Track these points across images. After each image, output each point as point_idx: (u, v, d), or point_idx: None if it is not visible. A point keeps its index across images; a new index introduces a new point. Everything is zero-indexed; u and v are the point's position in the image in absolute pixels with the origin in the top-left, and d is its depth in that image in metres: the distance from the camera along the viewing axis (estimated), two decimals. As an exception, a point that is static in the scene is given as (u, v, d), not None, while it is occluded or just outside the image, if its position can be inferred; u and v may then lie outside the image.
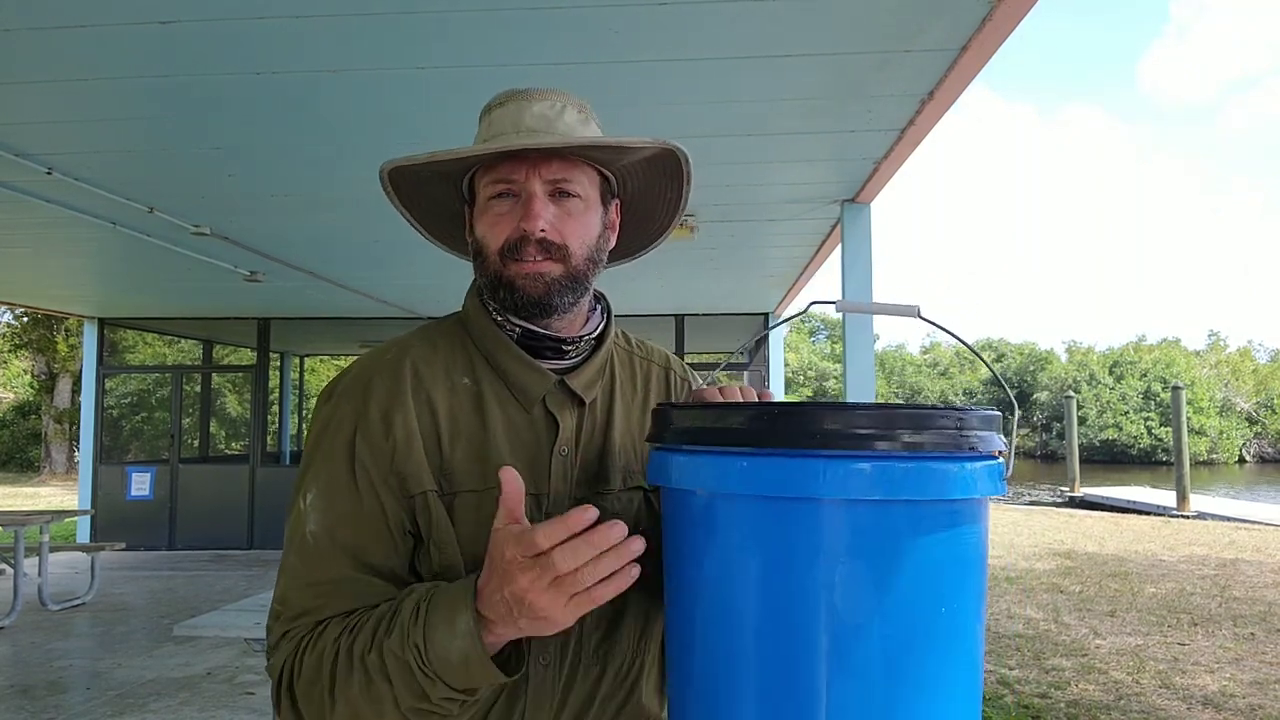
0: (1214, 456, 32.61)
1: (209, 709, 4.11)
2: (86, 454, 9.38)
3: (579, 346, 0.98)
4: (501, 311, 0.96)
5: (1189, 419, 26.44)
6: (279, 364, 12.68)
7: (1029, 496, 18.53)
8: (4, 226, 5.00)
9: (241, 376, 14.74)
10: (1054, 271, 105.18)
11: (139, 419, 18.46)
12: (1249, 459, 34.18)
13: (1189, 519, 12.36)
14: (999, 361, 40.01)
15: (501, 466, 0.78)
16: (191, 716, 4.01)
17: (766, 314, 9.21)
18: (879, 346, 44.74)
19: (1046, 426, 36.97)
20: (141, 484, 9.28)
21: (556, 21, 2.52)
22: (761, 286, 7.54)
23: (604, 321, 1.03)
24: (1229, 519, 12.08)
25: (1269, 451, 34.60)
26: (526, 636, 0.78)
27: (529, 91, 0.96)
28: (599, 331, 1.02)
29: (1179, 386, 14.39)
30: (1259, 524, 11.38)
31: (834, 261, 5.75)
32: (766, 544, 0.71)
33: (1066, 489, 17.33)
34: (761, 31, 2.60)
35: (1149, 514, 13.11)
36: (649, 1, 2.41)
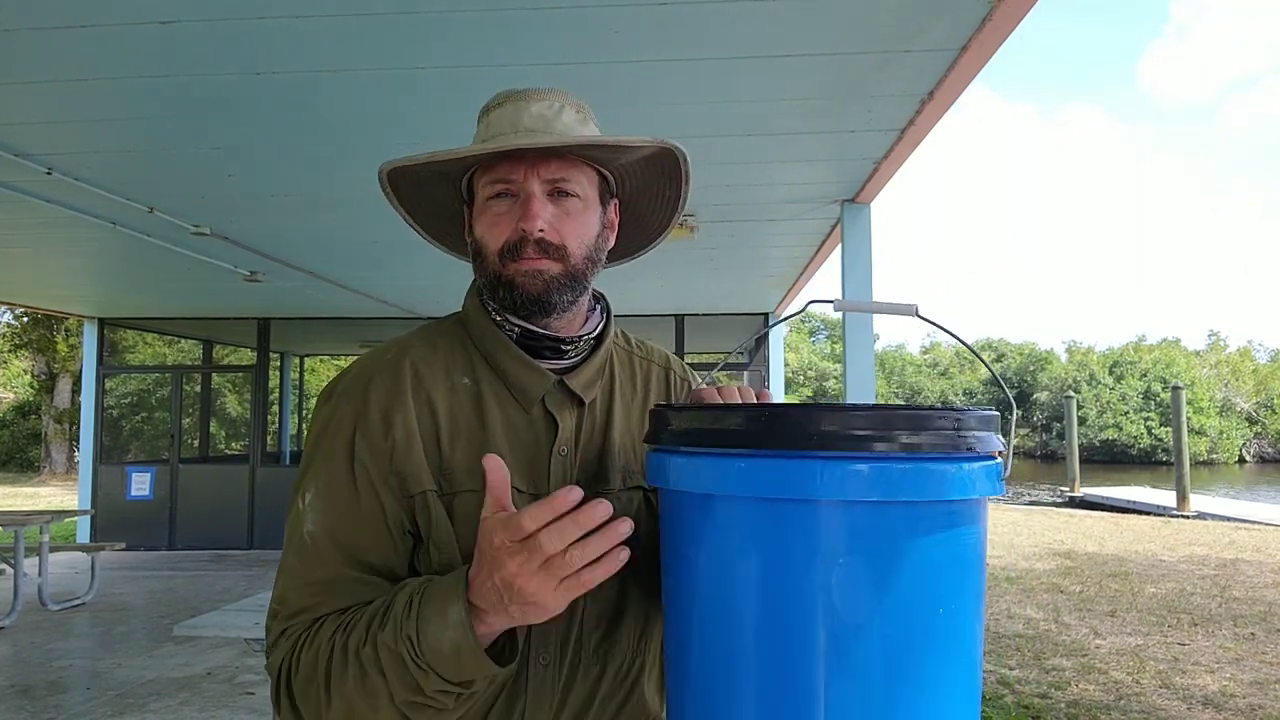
0: (1214, 456, 32.62)
1: (209, 709, 4.11)
2: (86, 454, 9.38)
3: (578, 346, 0.98)
4: (501, 311, 0.96)
5: (1189, 419, 26.44)
6: (279, 364, 12.68)
7: (1029, 496, 18.53)
8: (4, 226, 5.01)
9: (241, 376, 14.74)
10: (1054, 271, 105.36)
11: (139, 419, 18.46)
12: (1249, 459, 34.18)
13: (1189, 519, 12.36)
14: (999, 361, 40.02)
15: (488, 460, 0.78)
16: (191, 716, 4.01)
17: (766, 314, 9.21)
18: (879, 346, 44.76)
19: (1046, 426, 36.98)
20: (141, 484, 9.29)
21: (556, 21, 2.53)
22: (761, 286, 7.54)
23: (603, 321, 1.03)
24: (1229, 519, 12.08)
25: (1269, 451, 34.60)
26: (521, 627, 0.78)
27: (527, 92, 0.96)
28: (598, 331, 1.02)
29: (1179, 386, 14.39)
30: (1259, 524, 11.38)
31: (834, 261, 5.75)
32: (764, 545, 0.71)
33: (1066, 489, 17.33)
34: (761, 32, 2.60)
35: (1149, 514, 13.11)
36: (649, 1, 2.41)
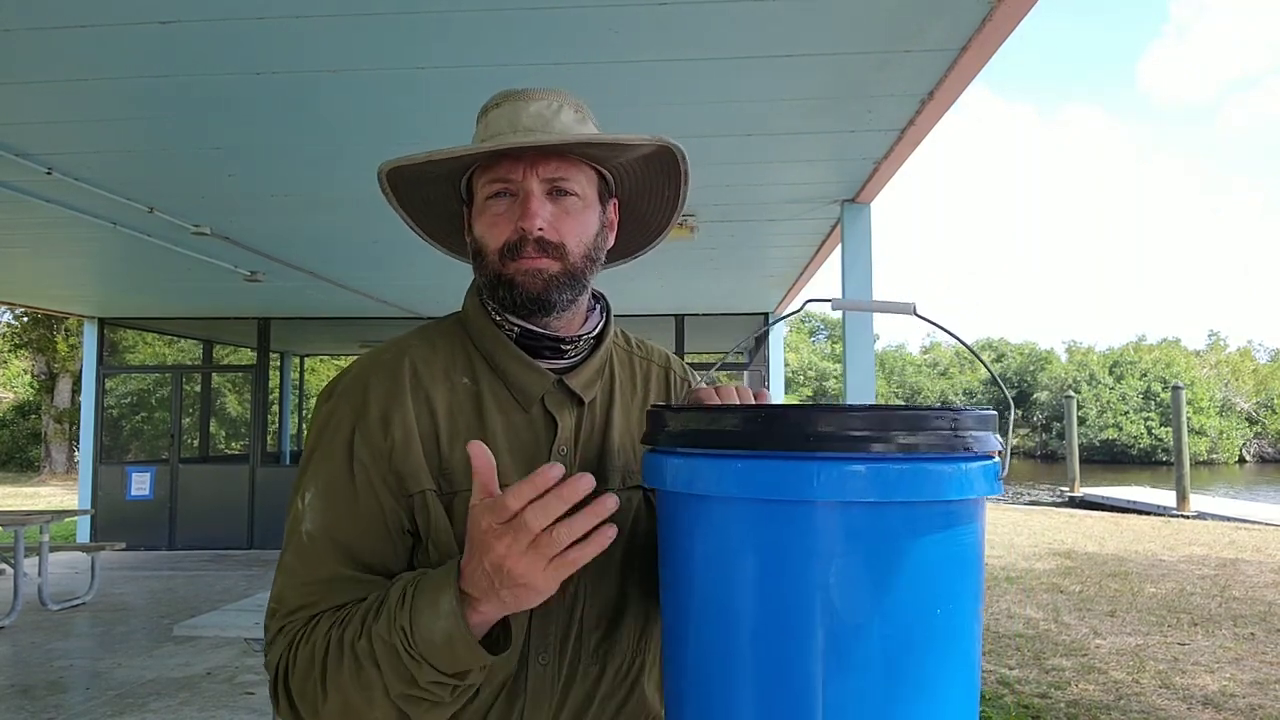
0: (1214, 456, 32.61)
1: (209, 709, 4.11)
2: (86, 454, 9.38)
3: (578, 346, 0.98)
4: (500, 311, 0.96)
5: (1189, 419, 26.44)
6: (279, 364, 12.68)
7: (1029, 496, 18.53)
8: (4, 226, 5.01)
9: (241, 376, 14.75)
10: (1054, 271, 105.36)
11: (139, 419, 18.46)
12: (1249, 459, 34.18)
13: (1189, 519, 12.36)
14: (999, 361, 40.02)
15: (472, 446, 0.76)
16: (191, 716, 4.01)
17: (766, 314, 9.21)
18: (879, 346, 44.75)
19: (1046, 426, 36.97)
20: (141, 484, 9.29)
21: (556, 21, 2.53)
22: (761, 286, 7.54)
23: (603, 321, 1.03)
24: (1229, 519, 12.08)
25: (1269, 451, 34.60)
26: (518, 621, 0.78)
27: (526, 91, 0.96)
28: (598, 331, 1.02)
29: (1179, 386, 14.39)
30: (1259, 524, 11.37)
31: (834, 261, 5.75)
32: (761, 546, 0.71)
33: (1066, 489, 17.33)
34: (762, 32, 2.60)
35: (1149, 514, 13.11)
36: (649, 1, 2.41)
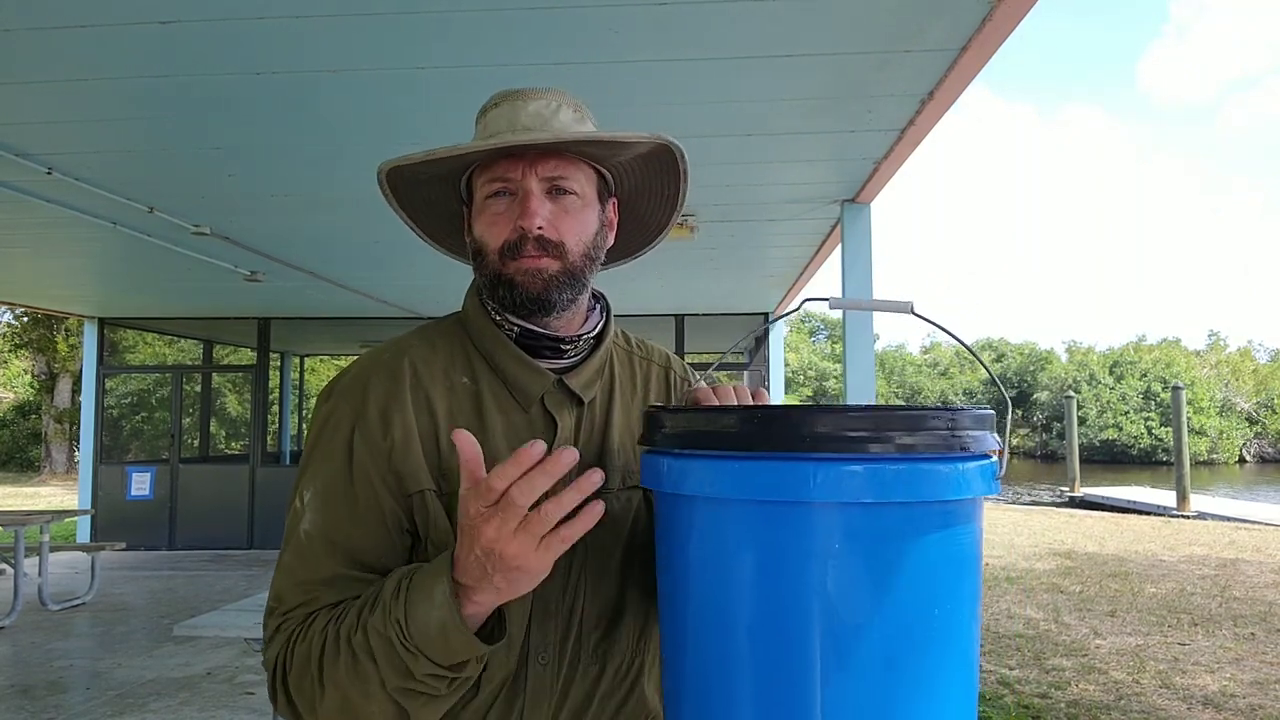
0: (1214, 456, 32.60)
1: (209, 709, 4.11)
2: (86, 454, 9.38)
3: (577, 346, 0.98)
4: (500, 311, 0.96)
5: (1189, 419, 26.43)
6: (279, 364, 12.68)
7: (1029, 496, 18.53)
8: (4, 226, 5.01)
9: (241, 376, 14.75)
10: (1054, 271, 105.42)
11: (139, 419, 18.47)
12: (1249, 459, 34.17)
13: (1189, 519, 12.35)
14: (999, 361, 40.02)
15: (457, 435, 0.75)
16: (191, 716, 4.01)
17: (766, 314, 9.22)
18: (879, 346, 44.75)
19: (1046, 426, 36.97)
20: (141, 484, 9.29)
21: (556, 21, 2.53)
22: (761, 286, 7.54)
23: (603, 320, 1.03)
24: (1229, 519, 12.07)
25: (1269, 451, 34.59)
26: (516, 615, 0.77)
27: (524, 91, 0.96)
28: (598, 330, 1.02)
29: (1179, 386, 14.38)
30: (1259, 524, 11.37)
31: (834, 261, 5.76)
32: (759, 547, 0.70)
33: (1066, 489, 17.33)
34: (762, 32, 2.60)
35: (1149, 514, 13.10)
36: (649, 1, 2.41)
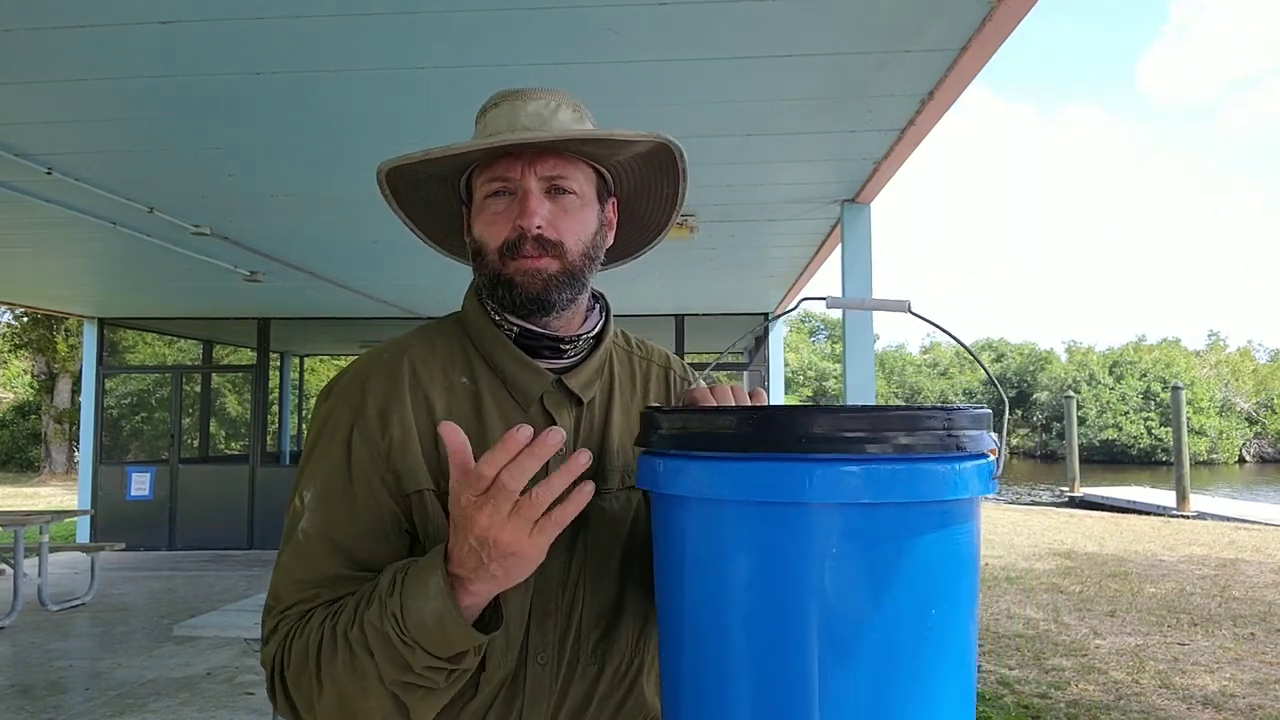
0: (1214, 456, 32.60)
1: (209, 709, 4.11)
2: (86, 454, 9.38)
3: (577, 346, 0.98)
4: (500, 311, 0.96)
5: (1189, 419, 26.44)
6: (279, 364, 12.68)
7: (1029, 496, 18.53)
8: (4, 226, 5.01)
9: (241, 376, 14.74)
10: (1054, 271, 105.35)
11: (139, 419, 18.47)
12: (1249, 459, 34.17)
13: (1189, 519, 12.35)
14: (999, 361, 40.02)
15: (443, 427, 0.75)
16: (191, 716, 4.01)
17: (766, 314, 9.22)
18: (879, 346, 44.74)
19: (1046, 426, 36.98)
20: (141, 484, 9.29)
21: (556, 21, 2.53)
22: (761, 286, 7.54)
23: (602, 320, 1.03)
24: (1229, 519, 12.07)
25: (1269, 451, 34.59)
26: (506, 589, 0.77)
27: (524, 91, 0.96)
28: (597, 330, 1.02)
29: (1179, 386, 14.38)
30: (1259, 524, 11.37)
31: (834, 261, 5.76)
32: (756, 548, 0.70)
33: (1066, 489, 17.33)
34: (762, 32, 2.61)
35: (1149, 514, 13.10)
36: (649, 1, 2.41)
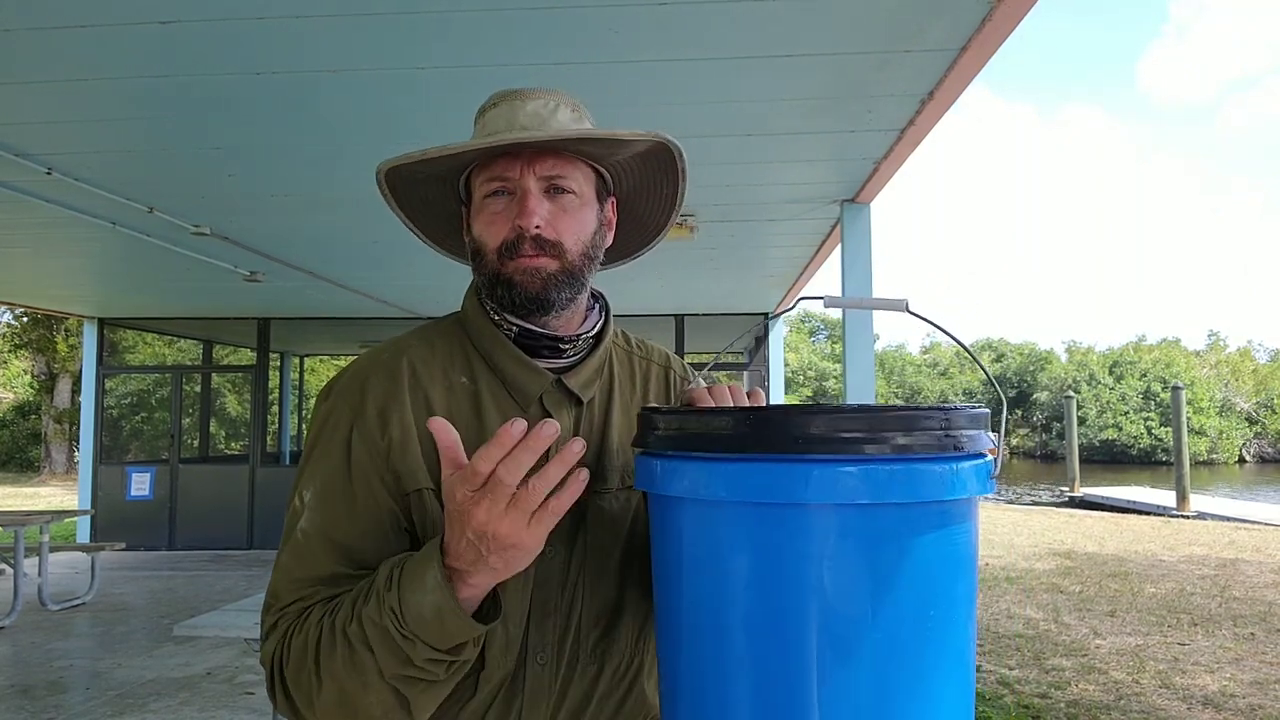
0: (1214, 456, 32.59)
1: (209, 709, 4.11)
2: (86, 454, 9.38)
3: (576, 345, 0.98)
4: (499, 311, 0.96)
5: (1189, 419, 26.44)
6: (279, 364, 12.69)
7: (1029, 496, 18.53)
8: (4, 226, 5.01)
9: (241, 376, 14.74)
10: (1054, 271, 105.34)
11: (139, 419, 18.46)
12: (1249, 459, 34.16)
13: (1189, 519, 12.35)
14: (999, 361, 40.01)
15: (432, 423, 0.75)
16: (191, 716, 4.01)
17: (766, 314, 9.21)
18: (879, 346, 44.73)
19: (1046, 426, 36.97)
20: (141, 484, 9.29)
21: (556, 21, 2.53)
22: (761, 286, 7.54)
23: (602, 320, 1.03)
24: (1229, 519, 12.07)
25: (1269, 451, 34.58)
26: (514, 600, 0.77)
27: (523, 91, 0.96)
28: (597, 330, 1.02)
29: (1179, 386, 14.38)
30: (1259, 524, 11.37)
31: (834, 261, 5.76)
32: (754, 549, 0.70)
33: (1066, 489, 17.33)
34: (762, 32, 2.61)
35: (1149, 514, 13.10)
36: (649, 1, 2.41)
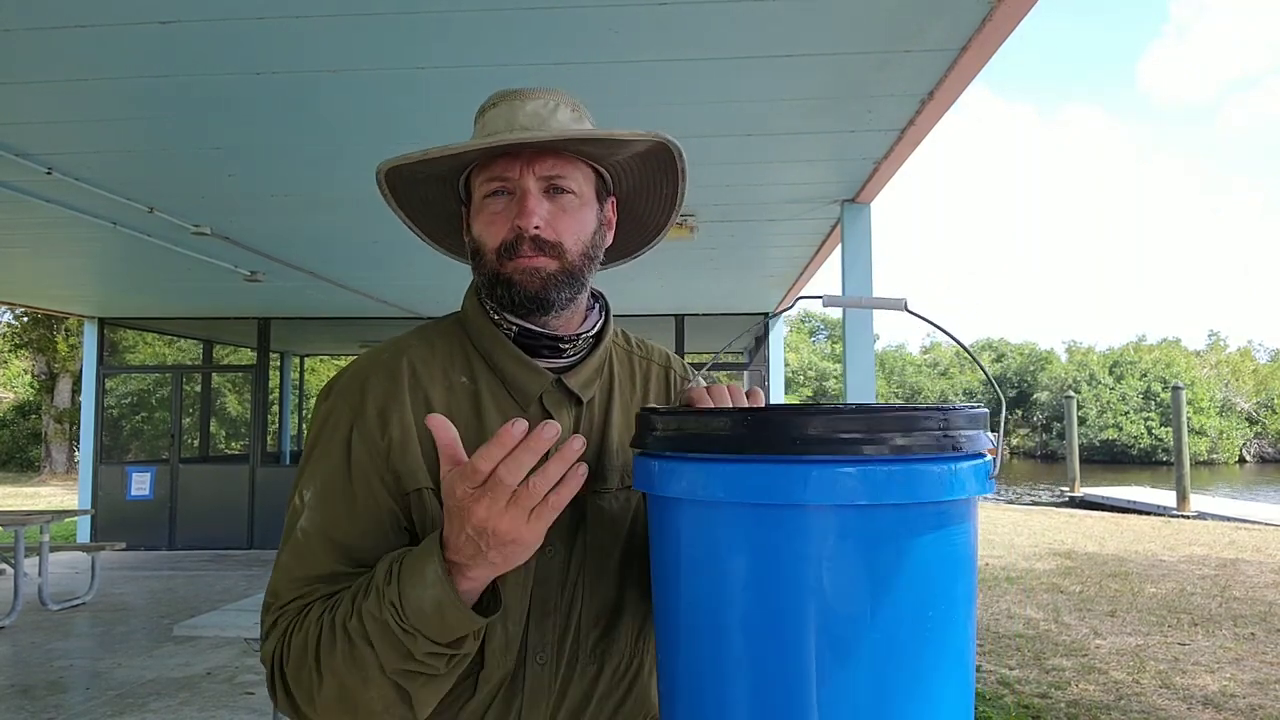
0: (1214, 456, 32.59)
1: (209, 709, 4.11)
2: (86, 454, 9.38)
3: (576, 345, 0.98)
4: (499, 310, 0.96)
5: (1189, 419, 26.42)
6: (279, 364, 12.68)
7: (1029, 496, 18.53)
8: (4, 226, 5.01)
9: (241, 376, 14.75)
10: (1054, 271, 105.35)
11: (139, 419, 18.46)
12: (1249, 459, 34.16)
13: (1189, 519, 12.35)
14: (999, 361, 40.01)
15: (431, 420, 0.76)
16: (191, 716, 4.01)
17: (766, 314, 9.21)
18: (879, 346, 44.72)
19: (1046, 426, 36.96)
20: (141, 484, 9.29)
21: (556, 21, 2.53)
22: (761, 286, 7.54)
23: (602, 320, 1.03)
24: (1229, 519, 12.07)
25: (1269, 451, 34.58)
26: (503, 574, 0.78)
27: (522, 91, 0.96)
28: (597, 330, 1.02)
29: (1179, 386, 14.38)
30: (1259, 524, 11.37)
31: (834, 261, 5.76)
32: (752, 550, 0.70)
33: (1067, 489, 17.33)
34: (762, 32, 2.60)
35: (1149, 514, 13.10)
36: (649, 1, 2.41)
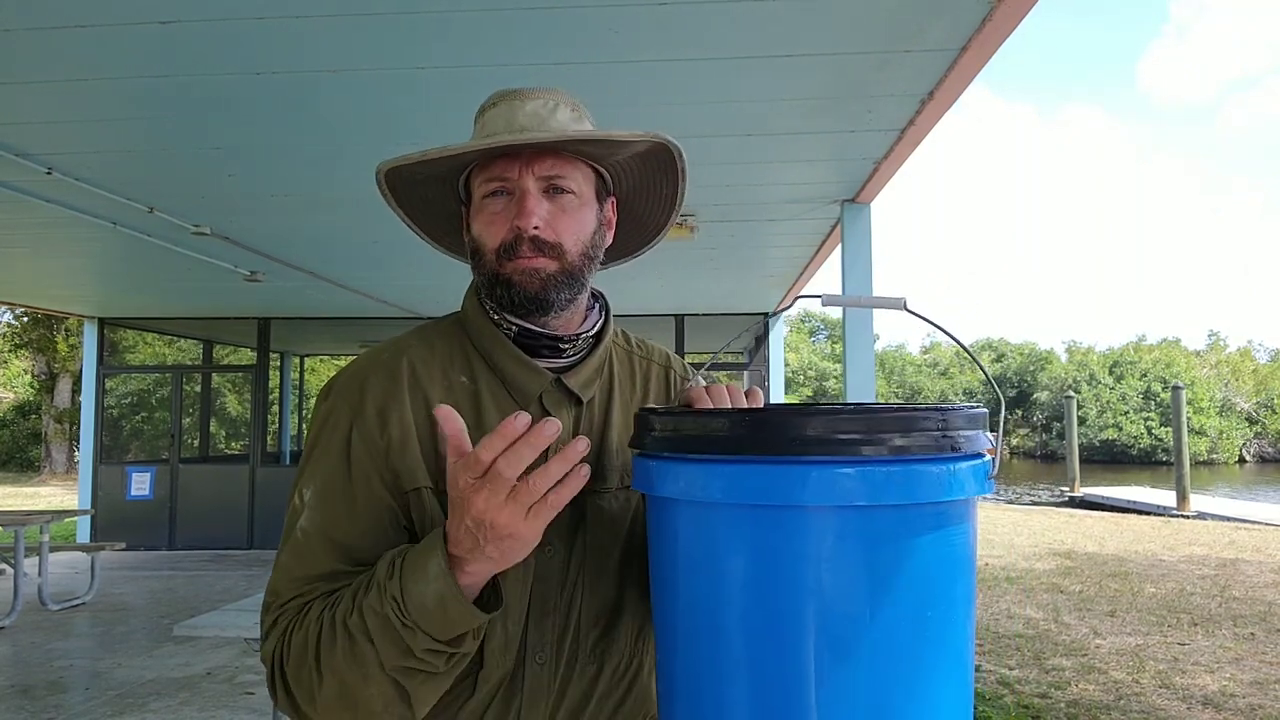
0: (1214, 456, 32.59)
1: (209, 709, 4.11)
2: (86, 454, 9.38)
3: (576, 345, 0.98)
4: (499, 310, 0.96)
5: (1189, 419, 26.43)
6: (279, 364, 12.68)
7: (1029, 496, 18.53)
8: (4, 226, 5.01)
9: (241, 376, 14.75)
10: (1054, 271, 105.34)
11: (139, 419, 18.46)
12: (1249, 459, 34.16)
13: (1189, 519, 12.36)
14: (999, 361, 40.01)
15: (439, 411, 0.76)
16: (191, 716, 4.01)
17: (766, 314, 9.21)
18: (879, 346, 44.72)
19: (1046, 426, 36.96)
20: (141, 484, 9.29)
21: (556, 21, 2.53)
22: (761, 286, 7.54)
23: (602, 320, 1.03)
24: (1229, 519, 12.08)
25: (1269, 451, 34.58)
26: (503, 569, 0.77)
27: (522, 91, 0.96)
28: (597, 330, 1.02)
29: (1179, 386, 14.38)
30: (1259, 524, 11.37)
31: (834, 261, 5.76)
32: (751, 551, 0.70)
33: (1066, 489, 17.33)
34: (762, 32, 2.61)
35: (1149, 514, 13.10)
36: (649, 1, 2.41)
